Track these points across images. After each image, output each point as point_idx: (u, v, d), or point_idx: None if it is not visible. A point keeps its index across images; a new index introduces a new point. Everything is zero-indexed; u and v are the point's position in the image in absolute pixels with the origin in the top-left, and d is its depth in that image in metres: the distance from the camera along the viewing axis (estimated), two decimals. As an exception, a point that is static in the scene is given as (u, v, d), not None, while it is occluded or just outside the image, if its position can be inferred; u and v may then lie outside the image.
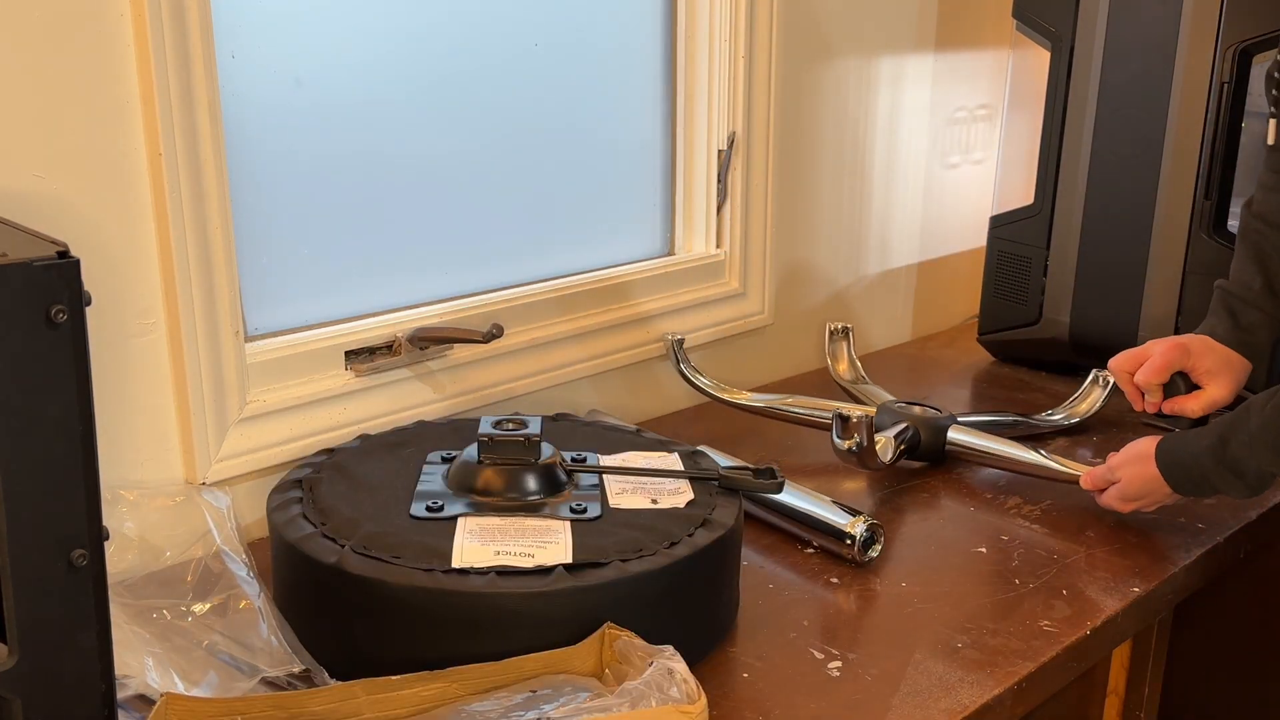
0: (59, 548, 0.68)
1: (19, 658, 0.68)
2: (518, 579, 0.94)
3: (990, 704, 0.98)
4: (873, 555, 1.19)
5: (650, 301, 1.59)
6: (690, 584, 1.00)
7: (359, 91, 1.30)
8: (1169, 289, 1.61)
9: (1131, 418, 1.60)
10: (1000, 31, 1.91)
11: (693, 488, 1.10)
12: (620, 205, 1.60)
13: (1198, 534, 1.27)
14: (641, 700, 0.83)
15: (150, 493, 1.14)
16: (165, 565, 1.09)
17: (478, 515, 1.02)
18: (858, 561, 1.17)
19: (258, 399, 1.23)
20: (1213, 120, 1.55)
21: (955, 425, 1.43)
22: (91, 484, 0.69)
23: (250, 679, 0.94)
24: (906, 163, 1.90)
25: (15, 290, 0.64)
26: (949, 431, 1.42)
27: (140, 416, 1.15)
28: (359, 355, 1.31)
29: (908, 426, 1.40)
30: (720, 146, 1.62)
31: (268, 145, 1.24)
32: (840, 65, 1.75)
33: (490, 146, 1.43)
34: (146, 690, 0.91)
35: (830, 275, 1.84)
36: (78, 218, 1.06)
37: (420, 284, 1.40)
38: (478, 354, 1.39)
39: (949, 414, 1.45)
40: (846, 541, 1.17)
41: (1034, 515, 1.31)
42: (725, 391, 1.55)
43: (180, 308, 1.13)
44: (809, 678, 1.01)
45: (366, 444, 1.19)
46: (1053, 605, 1.13)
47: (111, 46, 1.06)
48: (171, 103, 1.09)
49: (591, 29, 1.51)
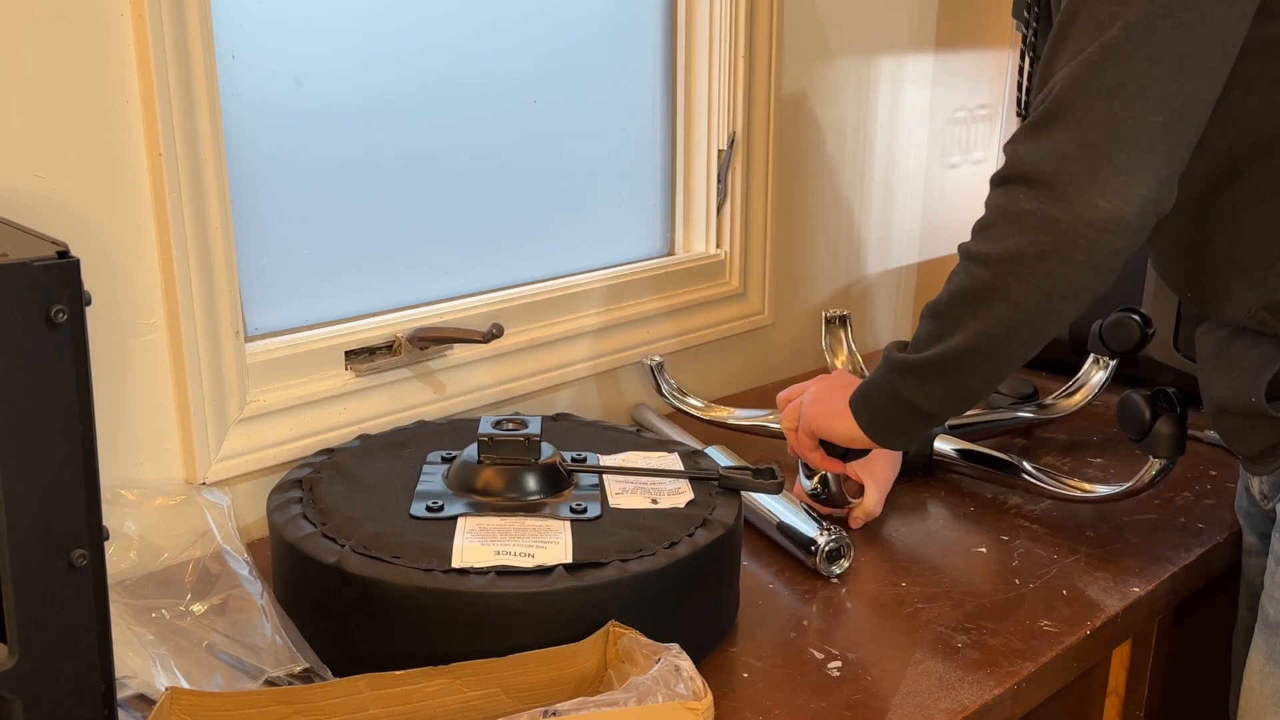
0: (59, 548, 0.68)
1: (19, 658, 0.68)
2: (518, 579, 0.94)
3: (990, 704, 0.98)
4: (836, 571, 1.16)
5: (650, 301, 1.59)
6: (690, 584, 1.00)
7: (359, 92, 1.30)
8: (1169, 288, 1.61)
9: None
10: (1000, 31, 1.91)
11: (693, 488, 1.10)
12: (620, 205, 1.60)
13: (1198, 534, 1.27)
14: (648, 696, 0.83)
15: (150, 493, 1.14)
16: (165, 565, 1.09)
17: (478, 515, 1.02)
18: (822, 575, 1.16)
19: (258, 399, 1.23)
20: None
21: (943, 435, 1.41)
22: (91, 484, 0.69)
23: (255, 679, 0.94)
24: (906, 163, 1.90)
25: (15, 290, 0.64)
26: (935, 442, 1.40)
27: (140, 416, 1.15)
28: (359, 355, 1.31)
29: None
30: (720, 146, 1.62)
31: (268, 145, 1.24)
32: (840, 65, 1.75)
33: (490, 146, 1.43)
34: (147, 690, 0.91)
35: (830, 275, 1.84)
36: (78, 218, 1.06)
37: (420, 284, 1.40)
38: (478, 354, 1.39)
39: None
40: (811, 550, 1.16)
41: (1034, 515, 1.31)
42: (710, 411, 1.50)
43: (180, 308, 1.13)
44: (809, 678, 1.01)
45: (366, 444, 1.19)
46: (1053, 605, 1.13)
47: (111, 46, 1.06)
48: (171, 103, 1.09)
49: (591, 29, 1.51)
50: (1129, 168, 0.89)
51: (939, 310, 1.04)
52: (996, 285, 0.97)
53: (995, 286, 0.97)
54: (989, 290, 0.98)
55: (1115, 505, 1.32)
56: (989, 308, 0.98)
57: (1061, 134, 0.91)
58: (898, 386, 1.07)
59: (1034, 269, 0.94)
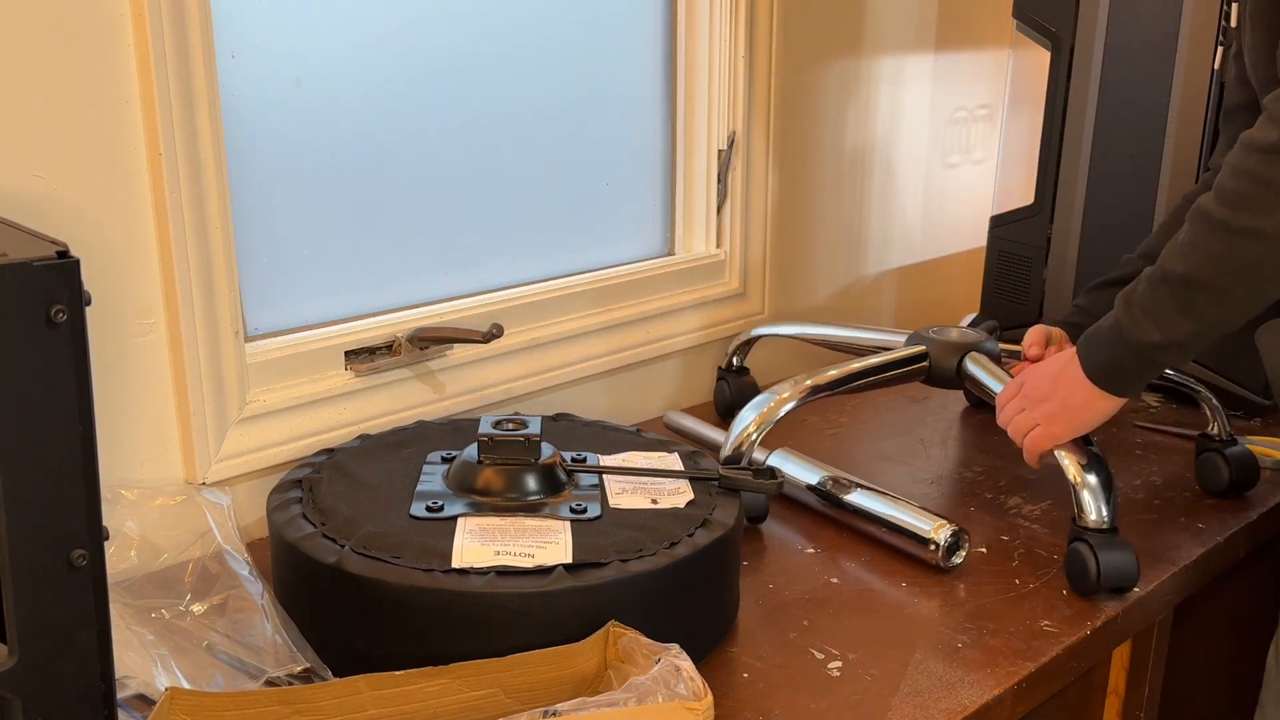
0: (59, 548, 0.68)
1: (19, 658, 0.68)
2: (517, 579, 0.94)
3: (990, 704, 0.98)
4: (956, 561, 1.18)
5: (650, 301, 1.59)
6: (690, 584, 1.00)
7: (359, 92, 1.30)
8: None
9: (1131, 418, 1.60)
10: (1000, 31, 1.91)
11: (693, 488, 1.10)
12: (620, 205, 1.60)
13: (1198, 534, 1.27)
14: (648, 696, 0.83)
15: (150, 493, 1.14)
16: (165, 565, 1.09)
17: (478, 515, 1.02)
18: (941, 567, 1.17)
19: (258, 399, 1.23)
20: (1212, 120, 1.55)
21: (973, 355, 1.37)
22: (91, 484, 0.69)
23: (255, 679, 0.94)
24: (906, 163, 1.90)
25: (15, 290, 0.64)
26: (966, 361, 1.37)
27: (140, 416, 1.15)
28: (359, 355, 1.31)
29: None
30: (720, 146, 1.62)
31: (267, 145, 1.24)
32: (840, 65, 1.75)
33: (490, 146, 1.43)
34: (147, 690, 0.91)
35: (830, 275, 1.84)
36: (78, 217, 1.06)
37: (420, 284, 1.40)
38: (478, 354, 1.39)
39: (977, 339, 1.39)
40: (931, 547, 1.17)
41: (1034, 515, 1.31)
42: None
43: (180, 308, 1.13)
44: (809, 678, 1.01)
45: (366, 444, 1.19)
46: (1053, 605, 1.13)
47: (111, 46, 1.06)
48: (171, 103, 1.09)
49: (592, 29, 1.51)
50: None
51: (1193, 281, 1.04)
52: (1269, 259, 1.00)
53: (1267, 260, 1.00)
54: (1261, 264, 1.00)
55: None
56: (1259, 278, 1.01)
57: None
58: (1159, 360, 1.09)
59: None
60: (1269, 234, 0.98)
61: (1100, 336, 1.13)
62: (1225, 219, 1.01)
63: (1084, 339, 1.15)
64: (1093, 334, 1.14)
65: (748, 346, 1.62)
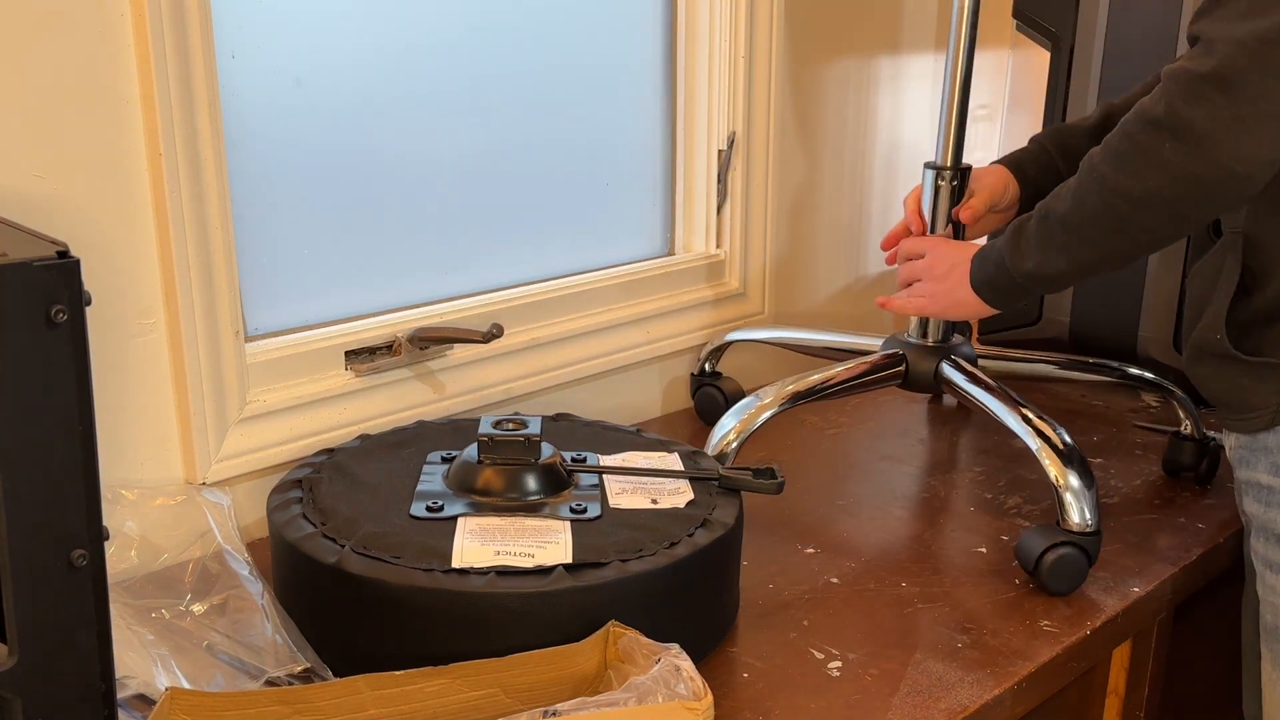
0: (59, 548, 0.68)
1: (19, 658, 0.68)
2: (518, 579, 0.94)
3: (990, 704, 0.98)
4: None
5: (650, 301, 1.59)
6: (690, 584, 1.00)
7: (359, 91, 1.30)
8: (1169, 288, 1.61)
9: (1130, 417, 1.60)
10: (1000, 31, 1.91)
11: (693, 488, 1.10)
12: (620, 205, 1.60)
13: (1198, 534, 1.27)
14: (648, 696, 0.83)
15: (150, 493, 1.14)
16: (165, 565, 1.09)
17: (478, 515, 1.02)
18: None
19: (258, 399, 1.23)
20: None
21: (949, 360, 1.39)
22: (91, 484, 0.69)
23: (255, 679, 0.94)
24: (906, 163, 1.90)
25: (15, 290, 0.64)
26: (942, 364, 1.39)
27: (140, 416, 1.15)
28: (359, 355, 1.31)
29: None
30: (720, 146, 1.62)
31: (267, 145, 1.24)
32: (840, 65, 1.75)
33: (490, 146, 1.43)
34: (147, 690, 0.91)
35: (830, 275, 1.84)
36: (78, 218, 1.06)
37: (420, 284, 1.40)
38: (478, 354, 1.39)
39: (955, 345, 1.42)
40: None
41: (1034, 515, 1.31)
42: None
43: (180, 308, 1.13)
44: (809, 678, 1.01)
45: (366, 444, 1.19)
46: (1053, 605, 1.13)
47: (111, 46, 1.06)
48: (171, 103, 1.09)
49: (592, 29, 1.51)
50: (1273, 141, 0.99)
51: (1069, 223, 1.12)
52: (1133, 219, 1.07)
53: (1131, 219, 1.08)
54: (1126, 221, 1.08)
55: (1115, 505, 1.32)
56: (1123, 234, 1.09)
57: (1222, 100, 0.98)
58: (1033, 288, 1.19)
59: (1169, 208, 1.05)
60: (1136, 197, 1.05)
61: (990, 254, 1.21)
62: (1103, 175, 1.08)
63: (978, 253, 1.24)
64: (986, 250, 1.23)
65: (720, 352, 1.61)
